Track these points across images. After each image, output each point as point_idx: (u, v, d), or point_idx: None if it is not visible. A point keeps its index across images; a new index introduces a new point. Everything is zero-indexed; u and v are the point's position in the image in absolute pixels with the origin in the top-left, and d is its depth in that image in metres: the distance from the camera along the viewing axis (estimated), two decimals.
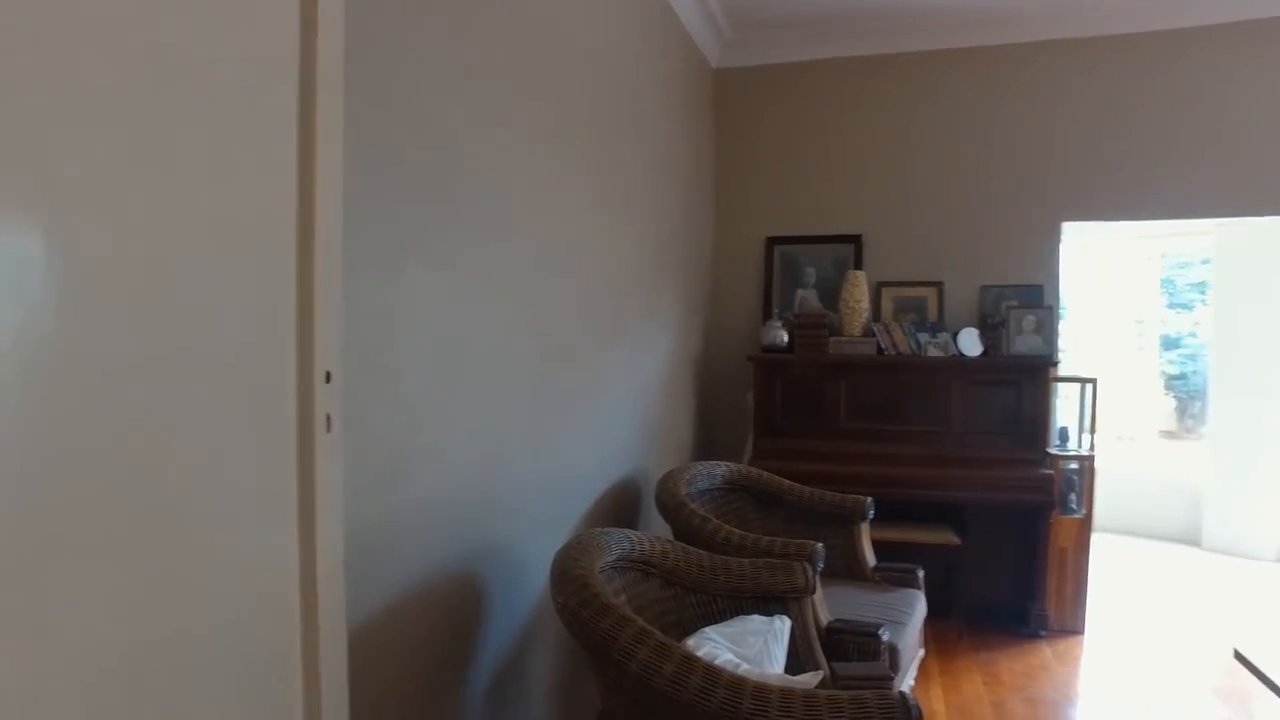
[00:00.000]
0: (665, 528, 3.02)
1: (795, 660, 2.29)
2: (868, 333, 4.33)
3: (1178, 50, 4.23)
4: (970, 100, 4.50)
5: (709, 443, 4.69)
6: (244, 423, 1.15)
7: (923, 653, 3.26)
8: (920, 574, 3.18)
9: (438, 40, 1.94)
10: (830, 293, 4.56)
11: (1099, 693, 3.45)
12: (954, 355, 4.18)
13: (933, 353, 4.21)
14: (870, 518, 3.27)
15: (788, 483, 3.41)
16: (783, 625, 2.24)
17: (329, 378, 1.30)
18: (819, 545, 2.57)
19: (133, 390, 0.98)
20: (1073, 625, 4.06)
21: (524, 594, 2.47)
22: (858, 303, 4.34)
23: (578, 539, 2.14)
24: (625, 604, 2.20)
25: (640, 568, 2.32)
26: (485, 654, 2.23)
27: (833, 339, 4.32)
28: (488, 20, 2.17)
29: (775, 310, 4.64)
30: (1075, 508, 4.06)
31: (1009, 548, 4.09)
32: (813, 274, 4.65)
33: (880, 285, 4.53)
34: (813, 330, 4.31)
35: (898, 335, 4.26)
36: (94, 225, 0.93)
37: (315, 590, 1.26)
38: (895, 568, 3.21)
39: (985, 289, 4.40)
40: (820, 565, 2.53)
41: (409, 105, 1.82)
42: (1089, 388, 4.19)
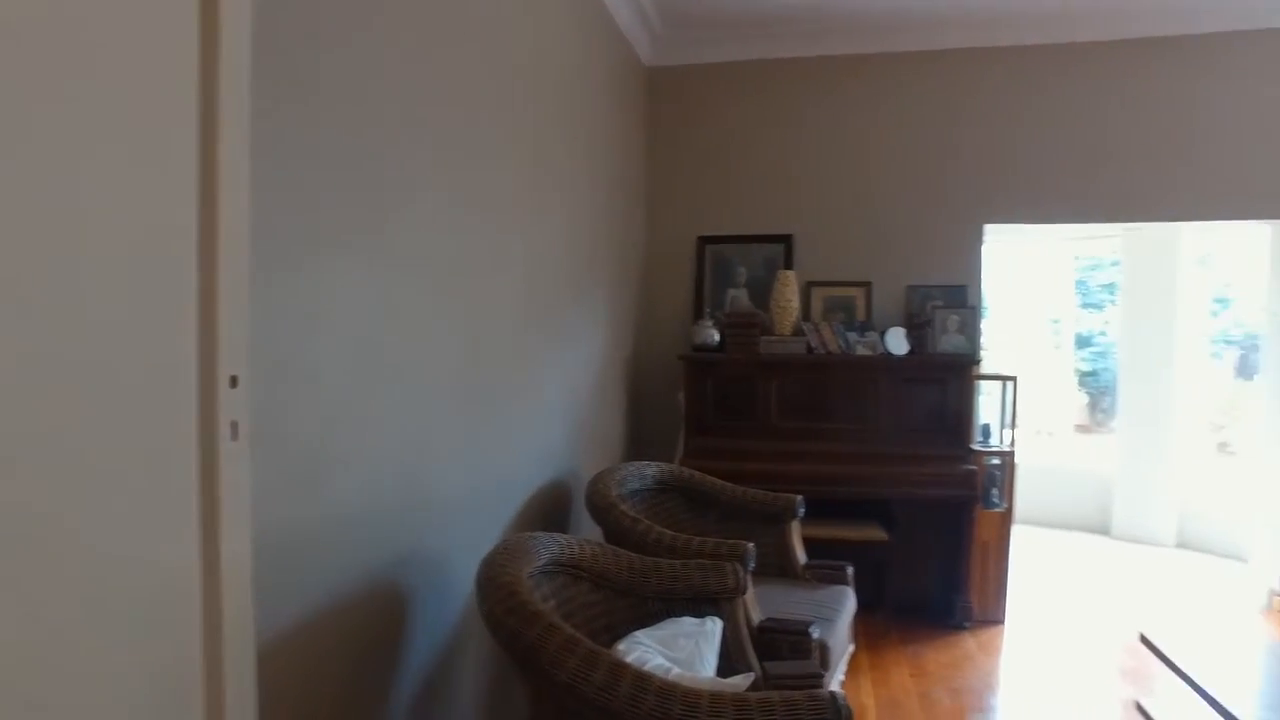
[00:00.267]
0: (597, 530, 2.99)
1: (727, 661, 2.28)
2: (798, 332, 4.38)
3: (1090, 63, 4.40)
4: (897, 104, 4.59)
5: (640, 443, 4.67)
6: (136, 430, 1.07)
7: (852, 648, 3.30)
8: (850, 570, 3.22)
9: (355, 25, 1.86)
10: (761, 292, 4.59)
11: (1018, 680, 3.56)
12: (881, 354, 4.26)
13: (861, 352, 4.27)
14: (801, 516, 3.30)
15: (719, 482, 3.41)
16: (714, 626, 2.23)
17: (234, 382, 1.23)
18: (750, 545, 2.57)
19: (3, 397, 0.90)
20: (995, 615, 4.18)
21: (451, 602, 2.40)
22: (788, 302, 4.38)
23: (505, 544, 2.09)
24: (554, 610, 2.16)
25: (570, 572, 2.28)
26: (410, 665, 2.16)
27: (763, 338, 4.34)
28: (406, 9, 2.10)
29: (706, 309, 4.65)
30: (997, 502, 4.17)
31: (935, 542, 4.18)
32: (744, 273, 4.68)
33: (810, 285, 4.58)
34: (743, 329, 4.33)
35: (827, 334, 4.32)
36: None
37: (219, 604, 1.18)
38: (825, 565, 3.24)
39: (911, 289, 4.50)
40: (752, 565, 2.53)
41: (325, 95, 1.74)
42: (1009, 385, 4.32)
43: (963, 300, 4.40)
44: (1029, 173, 4.47)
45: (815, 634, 2.50)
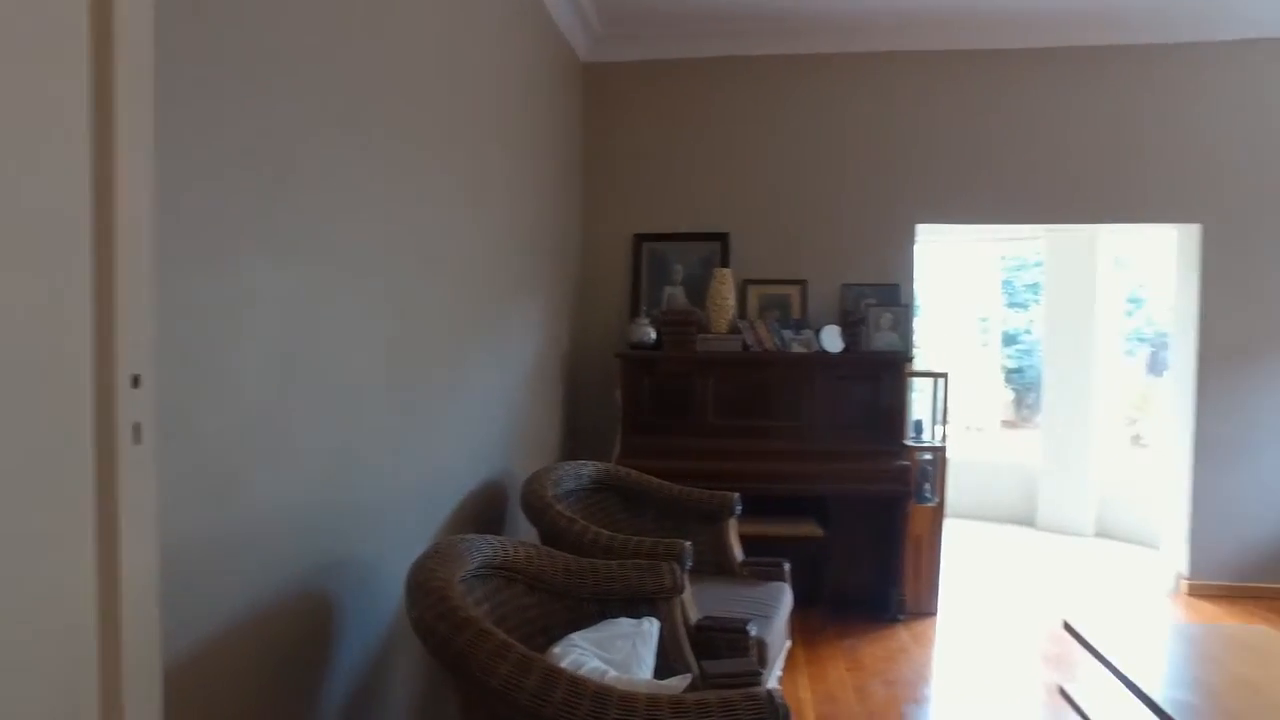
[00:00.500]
0: (533, 531, 2.94)
1: (665, 661, 2.25)
2: (734, 330, 4.39)
3: (1018, 70, 4.54)
4: (832, 105, 4.65)
5: (577, 442, 4.63)
6: (18, 433, 0.99)
7: (790, 643, 3.32)
8: (786, 567, 3.23)
9: (273, 10, 1.77)
10: (697, 290, 4.59)
11: (950, 670, 3.63)
12: (817, 351, 4.30)
13: (797, 349, 4.31)
14: (738, 513, 3.30)
15: (656, 481, 3.39)
16: (651, 627, 2.20)
17: (137, 382, 1.15)
18: (687, 544, 2.55)
19: None
20: (927, 608, 4.26)
21: (380, 608, 2.32)
22: (724, 300, 4.39)
23: (435, 547, 2.02)
24: (488, 614, 2.11)
25: (504, 575, 2.23)
26: (337, 676, 2.08)
27: (700, 336, 4.34)
28: None
29: (643, 308, 4.63)
30: (929, 496, 4.26)
31: (869, 537, 4.24)
32: (680, 271, 4.67)
33: (746, 283, 4.60)
34: (680, 327, 4.32)
35: (763, 332, 4.34)
36: None
37: (118, 622, 1.10)
38: (762, 562, 3.25)
39: (846, 287, 4.56)
40: (689, 564, 2.51)
41: (243, 86, 1.66)
42: (941, 382, 4.41)
43: (895, 298, 4.48)
44: (959, 174, 4.58)
45: (753, 632, 2.50)
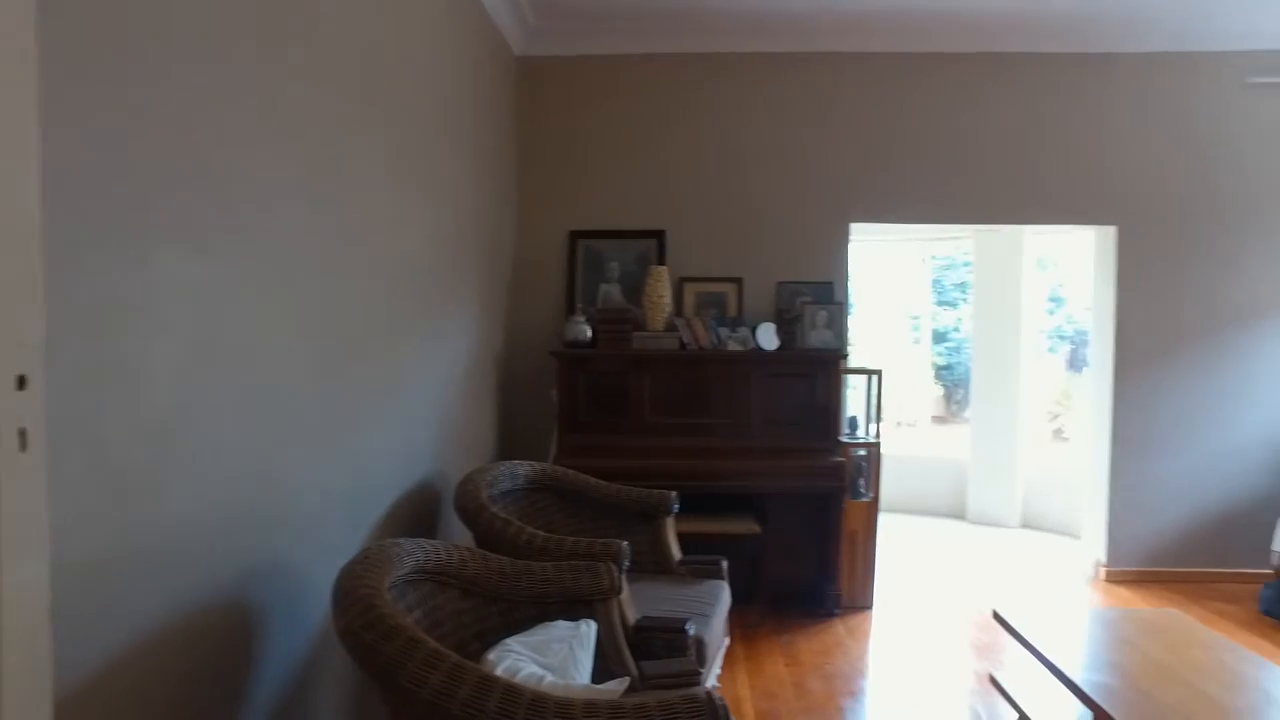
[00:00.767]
0: (467, 534, 2.86)
1: (603, 663, 2.21)
2: (670, 327, 4.37)
3: (950, 73, 4.64)
4: (768, 104, 4.67)
5: (513, 442, 4.55)
6: None
7: (728, 641, 3.32)
8: (724, 564, 3.23)
9: None
10: (634, 288, 4.56)
11: (885, 663, 3.68)
12: (753, 349, 4.31)
13: (733, 347, 4.31)
14: (675, 511, 3.28)
15: (593, 480, 3.35)
16: (589, 629, 2.16)
17: (22, 383, 1.05)
18: (625, 544, 2.52)
19: None
20: (863, 601, 4.31)
21: (307, 619, 2.22)
22: (660, 298, 4.37)
23: (364, 553, 1.94)
24: (420, 620, 2.04)
25: (436, 579, 2.16)
26: (260, 691, 1.97)
27: (636, 334, 4.31)
28: None
29: (579, 305, 4.58)
30: (864, 492, 4.31)
31: (806, 533, 4.27)
32: (616, 268, 4.63)
33: (682, 280, 4.59)
34: (616, 325, 4.28)
35: (699, 330, 4.33)
36: None
37: None
38: (700, 560, 3.23)
39: (781, 285, 4.58)
40: (627, 564, 2.48)
41: (154, 69, 1.55)
42: (874, 379, 4.47)
43: (830, 296, 4.53)
44: (892, 175, 4.66)
45: (691, 631, 2.47)
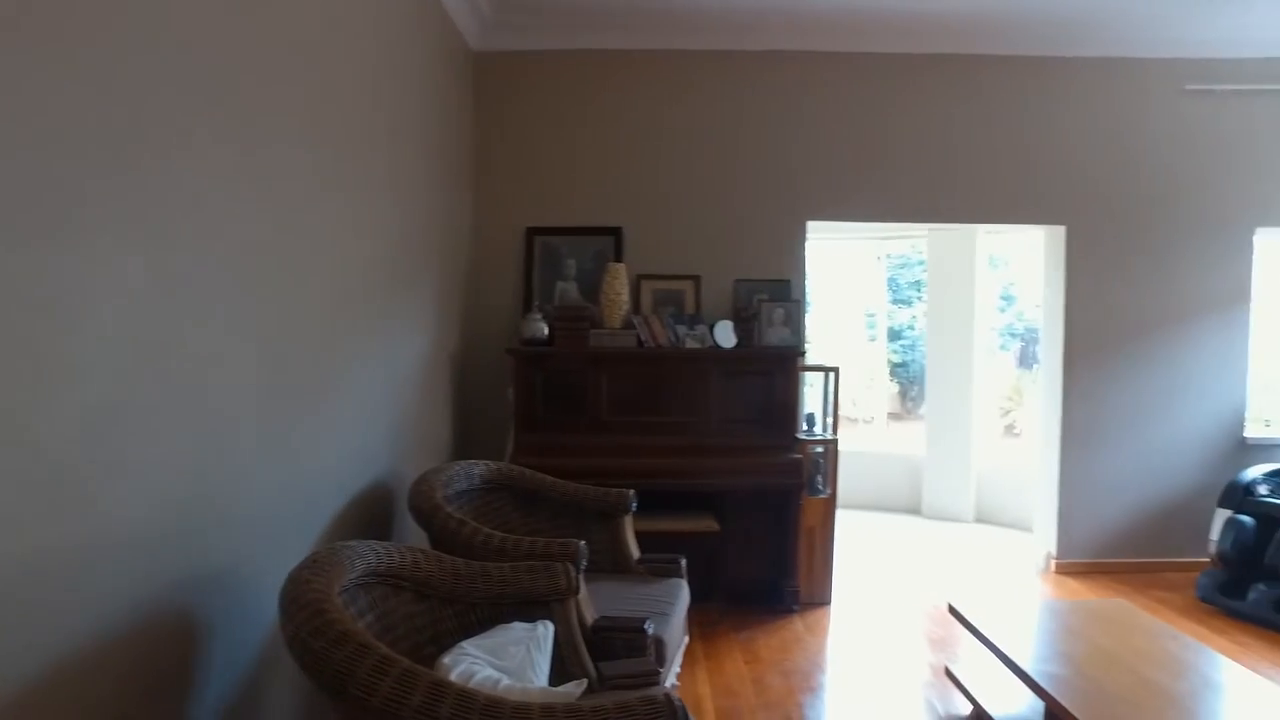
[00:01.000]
0: (422, 535, 2.81)
1: (561, 665, 2.19)
2: (628, 325, 4.35)
3: (902, 74, 4.69)
4: (726, 102, 4.67)
5: (469, 441, 4.49)
6: None
7: (688, 639, 3.31)
8: (683, 563, 3.22)
9: None
10: (591, 285, 4.53)
11: (843, 658, 3.71)
12: (710, 346, 4.31)
13: (691, 344, 4.31)
14: (633, 510, 3.26)
15: (550, 479, 3.31)
16: (546, 631, 2.13)
17: None
18: (582, 544, 2.49)
19: None
20: (821, 597, 4.34)
21: (254, 626, 2.15)
22: (618, 295, 4.34)
23: (313, 557, 1.88)
24: (372, 625, 1.99)
25: (389, 582, 2.11)
26: (204, 704, 1.90)
27: (593, 331, 4.29)
28: None
29: (536, 303, 4.53)
30: (821, 489, 4.34)
31: (764, 529, 4.27)
32: (573, 266, 4.60)
33: (640, 278, 4.58)
34: (573, 323, 4.25)
35: (657, 327, 4.32)
36: None
37: None
38: (658, 559, 3.22)
39: (739, 282, 4.59)
40: (584, 564, 2.45)
41: (89, 55, 1.48)
42: (831, 376, 4.49)
43: (787, 294, 4.55)
44: (848, 174, 4.70)
45: (650, 630, 2.46)
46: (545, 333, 4.30)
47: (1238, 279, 4.82)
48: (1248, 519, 4.19)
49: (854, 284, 7.61)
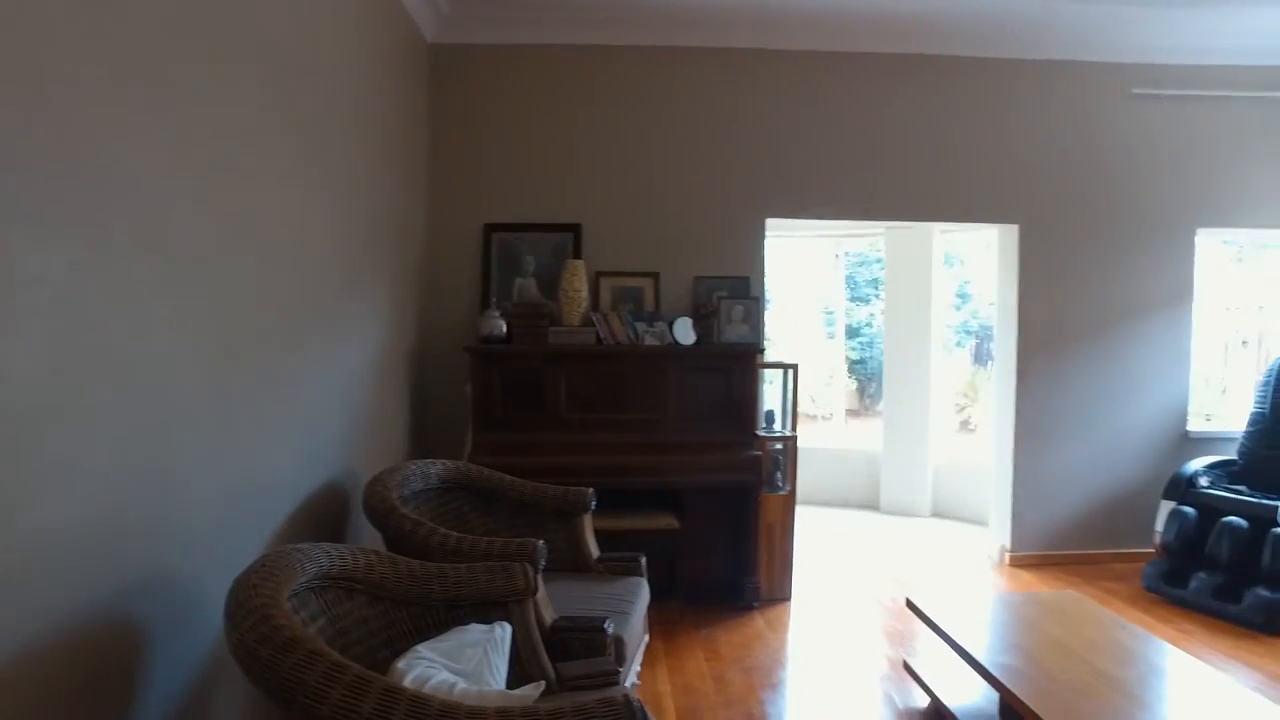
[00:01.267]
0: (378, 537, 2.75)
1: (519, 667, 2.16)
2: (587, 322, 4.32)
3: (861, 73, 4.73)
4: (685, 98, 4.67)
5: (427, 440, 4.42)
6: None
7: (648, 638, 3.30)
8: (643, 561, 3.20)
9: None
10: (549, 282, 4.49)
11: (803, 653, 3.72)
12: (670, 344, 4.30)
13: (650, 341, 4.30)
14: (593, 509, 3.24)
15: (508, 478, 3.27)
16: (503, 632, 2.09)
17: None
18: (540, 543, 2.46)
19: None
20: (781, 594, 4.36)
21: (200, 634, 2.09)
22: (576, 292, 4.31)
23: (262, 560, 1.83)
24: (324, 629, 1.94)
25: (342, 585, 2.06)
26: (145, 717, 1.84)
27: (552, 329, 4.25)
28: None
29: (493, 299, 4.48)
30: (781, 485, 4.36)
31: (724, 526, 4.28)
32: (532, 263, 4.55)
33: (599, 275, 4.55)
34: (532, 320, 4.21)
35: (616, 324, 4.30)
36: None
37: None
38: (618, 557, 3.20)
39: (698, 280, 4.59)
40: (542, 564, 2.42)
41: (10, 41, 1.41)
42: (790, 373, 4.51)
43: (746, 291, 4.56)
44: (807, 171, 4.72)
45: (610, 629, 2.44)
46: (503, 330, 4.25)
47: (1181, 278, 4.95)
48: (1190, 510, 4.31)
49: (812, 281, 7.67)
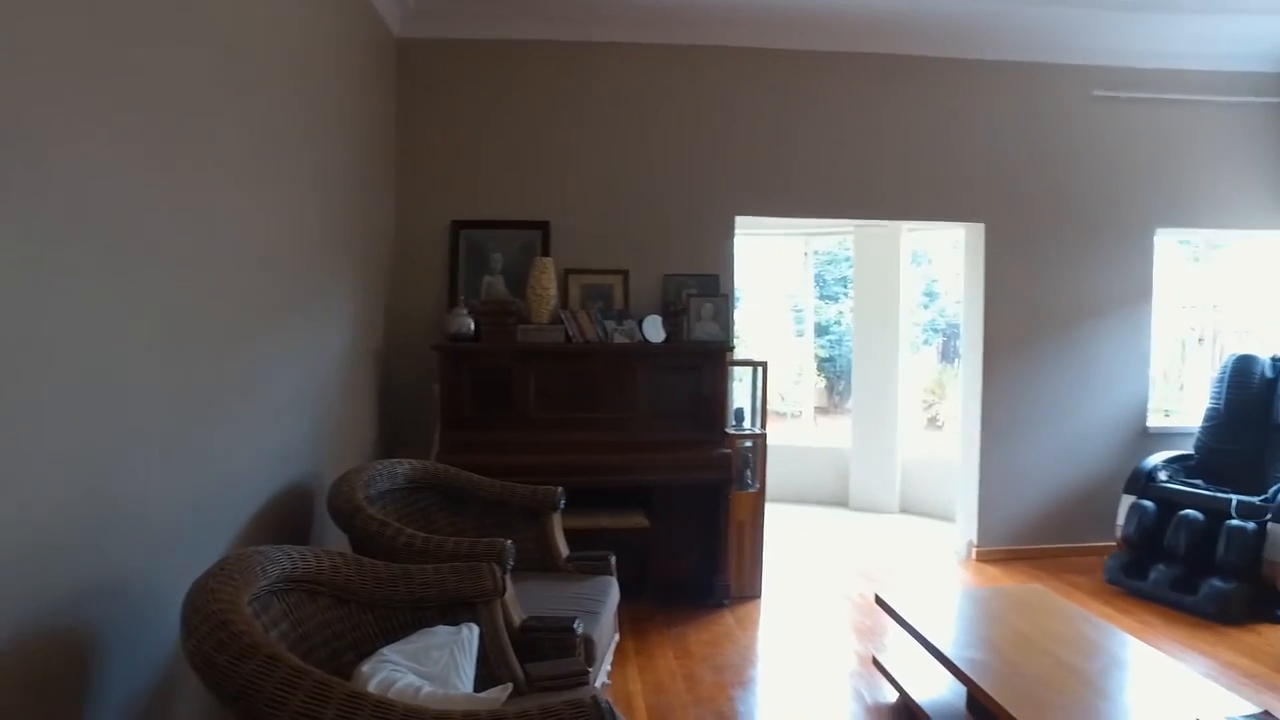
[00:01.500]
0: (344, 538, 2.71)
1: (488, 669, 2.13)
2: (555, 320, 4.30)
3: (830, 71, 4.75)
4: (655, 95, 4.65)
5: (394, 440, 4.37)
6: None
7: (618, 637, 3.28)
8: (612, 559, 3.19)
9: None
10: (518, 279, 4.46)
11: (773, 651, 3.73)
12: (639, 342, 4.29)
13: (619, 339, 4.28)
14: (562, 507, 3.21)
15: (476, 477, 3.24)
16: (471, 634, 2.07)
17: None
18: (508, 543, 2.43)
19: None
20: (751, 591, 4.37)
21: (157, 641, 2.03)
22: (545, 289, 4.28)
23: (221, 564, 1.78)
24: (286, 634, 1.90)
25: (305, 588, 2.02)
26: None
27: (521, 327, 4.22)
28: None
29: (461, 297, 4.43)
30: (750, 483, 4.36)
31: (694, 524, 4.27)
32: (500, 260, 4.51)
33: (568, 272, 4.52)
34: (500, 318, 4.17)
35: (585, 322, 4.27)
36: None
37: None
38: (588, 556, 3.18)
39: (668, 277, 4.58)
40: (511, 564, 2.40)
41: None
42: (760, 370, 4.52)
43: (716, 289, 4.56)
44: (776, 169, 4.74)
45: (579, 629, 2.42)
46: (471, 328, 4.21)
47: (1141, 277, 5.04)
48: (1149, 504, 4.39)
49: (781, 280, 7.70)
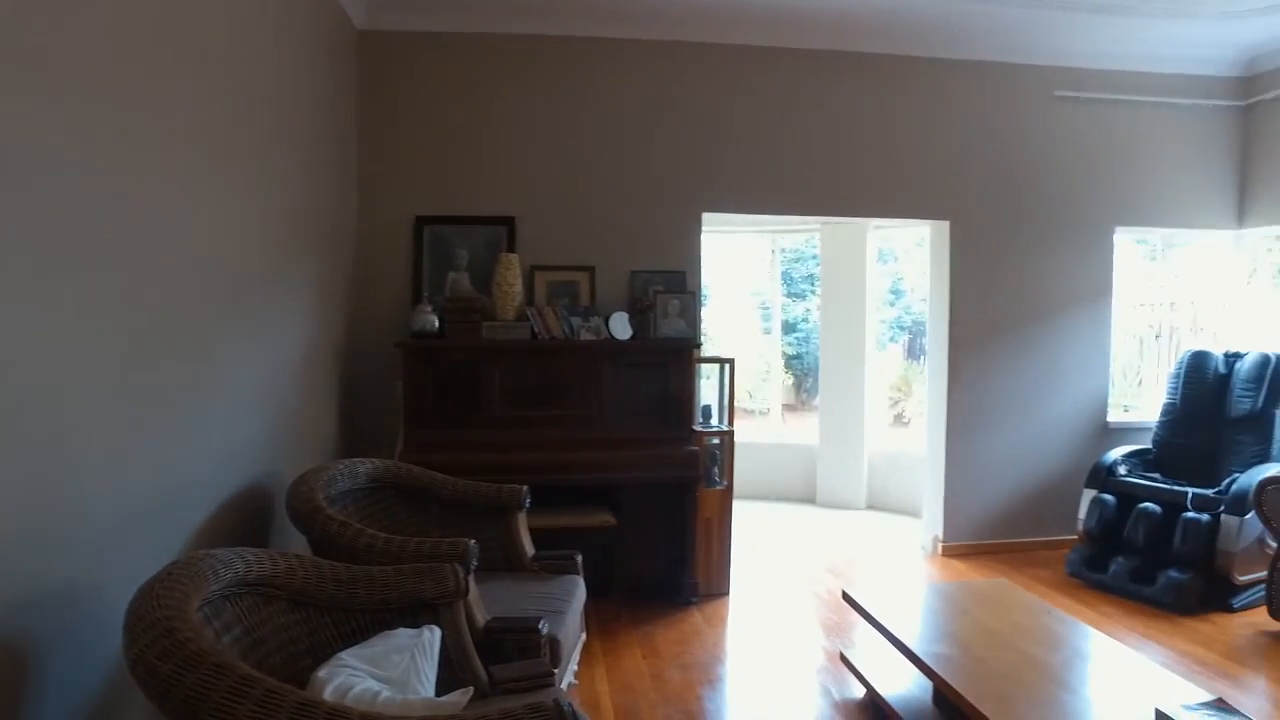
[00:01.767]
0: (303, 540, 2.64)
1: (450, 672, 2.08)
2: (521, 317, 4.25)
3: (796, 69, 4.74)
4: (621, 91, 4.61)
5: (357, 438, 4.28)
6: None
7: (585, 636, 3.25)
8: (579, 558, 3.15)
9: None
10: (483, 276, 4.39)
11: (741, 649, 3.72)
12: (606, 339, 4.25)
13: (586, 336, 4.24)
14: (527, 506, 3.17)
15: (440, 476, 3.18)
16: (432, 636, 2.02)
17: None
18: (471, 543, 2.39)
19: None
20: (719, 589, 4.35)
21: (99, 653, 1.95)
22: (510, 286, 4.23)
23: (169, 569, 1.72)
24: (238, 640, 1.84)
25: (260, 592, 1.96)
26: None
27: (486, 324, 4.16)
28: None
29: (425, 294, 4.36)
30: (718, 480, 4.35)
31: (661, 522, 4.25)
32: (465, 256, 4.44)
33: (534, 269, 4.47)
34: (465, 314, 4.11)
35: (551, 319, 4.23)
36: None
37: None
38: (554, 555, 3.14)
39: (635, 274, 4.55)
40: (474, 564, 2.35)
41: None
42: (727, 368, 4.51)
43: (682, 285, 4.53)
44: (743, 166, 4.72)
45: (544, 629, 2.38)
46: (436, 325, 4.14)
47: (1101, 274, 5.11)
48: (1110, 498, 4.45)
49: (749, 277, 7.71)
